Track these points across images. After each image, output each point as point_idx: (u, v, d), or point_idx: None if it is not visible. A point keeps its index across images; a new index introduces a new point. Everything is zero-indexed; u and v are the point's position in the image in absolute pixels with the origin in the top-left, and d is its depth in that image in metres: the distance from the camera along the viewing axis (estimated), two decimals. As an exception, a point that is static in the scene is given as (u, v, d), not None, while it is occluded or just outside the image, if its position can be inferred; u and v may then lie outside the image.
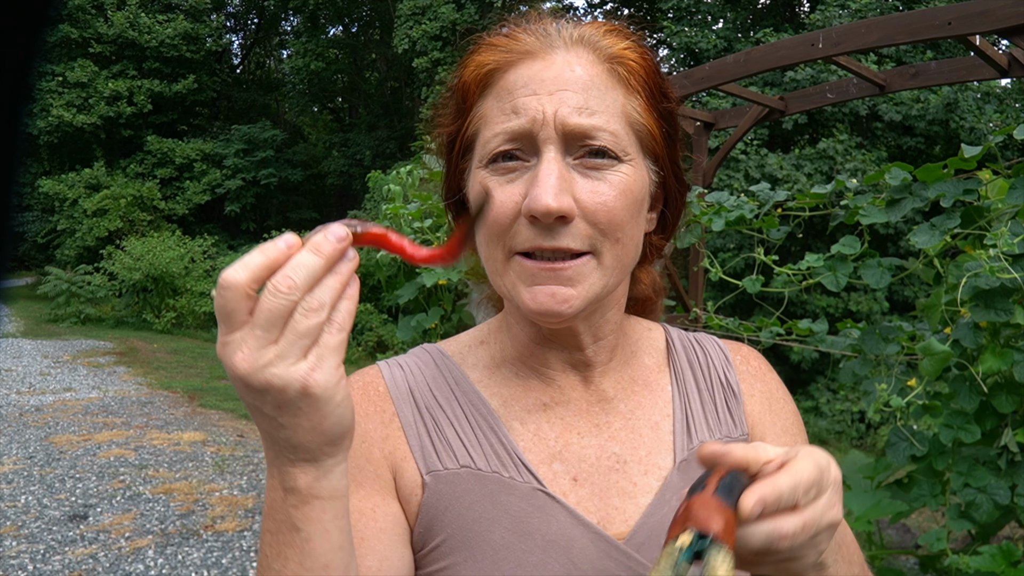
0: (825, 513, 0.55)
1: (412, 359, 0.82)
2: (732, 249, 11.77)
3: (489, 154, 0.69)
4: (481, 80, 0.71)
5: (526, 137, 0.67)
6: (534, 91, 0.67)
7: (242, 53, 29.78)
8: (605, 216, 0.67)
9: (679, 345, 0.86)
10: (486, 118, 0.70)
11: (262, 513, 0.86)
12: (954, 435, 2.03)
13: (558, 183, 0.65)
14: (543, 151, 0.67)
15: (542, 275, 0.68)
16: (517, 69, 0.69)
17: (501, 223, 0.68)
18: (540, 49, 0.69)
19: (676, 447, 0.78)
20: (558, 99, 0.66)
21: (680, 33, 14.54)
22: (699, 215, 2.91)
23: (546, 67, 0.68)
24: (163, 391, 9.19)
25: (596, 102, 0.67)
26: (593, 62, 0.69)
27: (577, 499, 0.73)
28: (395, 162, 19.19)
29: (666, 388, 0.82)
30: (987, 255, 1.91)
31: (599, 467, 0.76)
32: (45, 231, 22.11)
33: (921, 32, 3.00)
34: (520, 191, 0.67)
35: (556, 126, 0.66)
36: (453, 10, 18.65)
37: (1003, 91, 12.53)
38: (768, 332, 2.92)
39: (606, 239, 0.68)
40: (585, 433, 0.77)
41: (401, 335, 3.12)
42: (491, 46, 0.71)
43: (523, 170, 0.68)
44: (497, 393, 0.79)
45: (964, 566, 2.02)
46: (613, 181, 0.68)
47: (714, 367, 0.85)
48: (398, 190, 3.89)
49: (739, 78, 3.80)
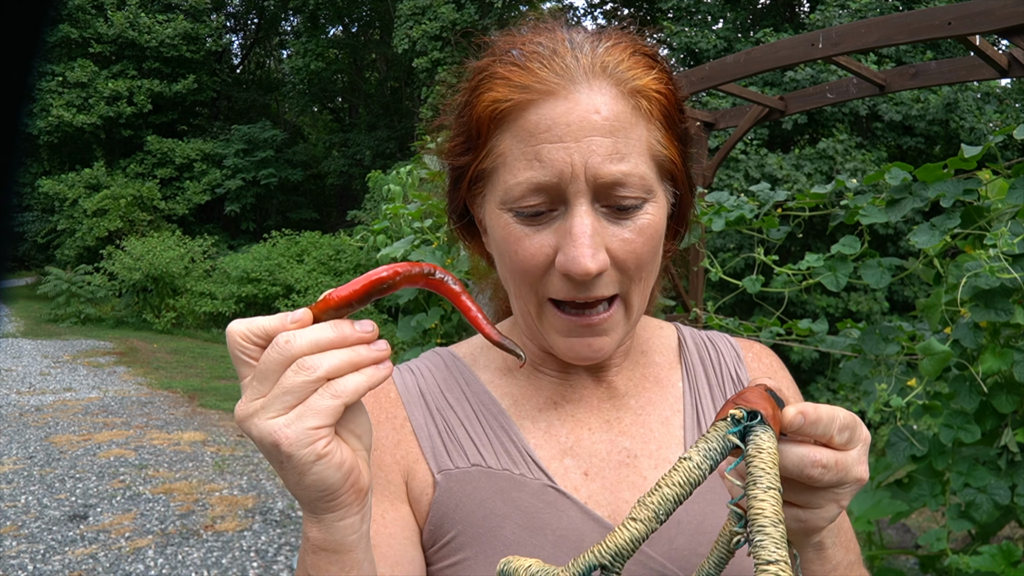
0: (855, 464, 0.54)
1: (423, 362, 0.84)
2: (732, 249, 11.77)
3: (513, 199, 0.66)
4: (498, 116, 0.67)
5: (554, 189, 0.64)
6: (559, 138, 0.63)
7: (242, 53, 29.79)
8: (634, 263, 0.67)
9: (691, 343, 0.87)
10: (505, 157, 0.67)
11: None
12: (954, 435, 2.03)
13: (593, 241, 0.63)
14: (573, 204, 0.64)
15: (579, 330, 0.69)
16: (538, 109, 0.64)
17: (533, 274, 0.67)
18: (560, 87, 0.64)
19: (687, 442, 0.78)
20: (586, 147, 0.63)
21: (680, 33, 14.54)
22: (699, 215, 2.91)
23: (569, 109, 0.63)
24: (163, 391, 9.19)
25: (623, 144, 0.64)
26: (617, 98, 0.65)
27: (588, 493, 0.74)
28: (395, 162, 19.19)
29: (677, 384, 0.83)
30: (987, 255, 1.91)
31: (610, 462, 0.76)
32: (45, 231, 22.11)
33: (921, 32, 3.00)
34: (551, 242, 0.66)
35: (588, 179, 0.63)
36: (453, 10, 18.65)
37: (1003, 91, 12.53)
38: (768, 332, 2.92)
39: (632, 281, 0.68)
40: (596, 429, 0.77)
41: (401, 335, 3.12)
42: (505, 80, 0.66)
43: (551, 219, 0.66)
44: (508, 393, 0.80)
45: (964, 566, 2.02)
46: (641, 225, 0.66)
47: (726, 364, 0.85)
48: (398, 190, 3.89)
49: (739, 78, 3.80)
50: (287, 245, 16.92)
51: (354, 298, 0.55)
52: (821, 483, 0.53)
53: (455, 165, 0.73)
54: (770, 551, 0.42)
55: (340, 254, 16.15)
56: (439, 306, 3.09)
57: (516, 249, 0.67)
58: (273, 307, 16.08)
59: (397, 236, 3.57)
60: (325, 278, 15.66)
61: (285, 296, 15.87)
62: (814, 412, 0.52)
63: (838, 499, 0.55)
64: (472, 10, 18.90)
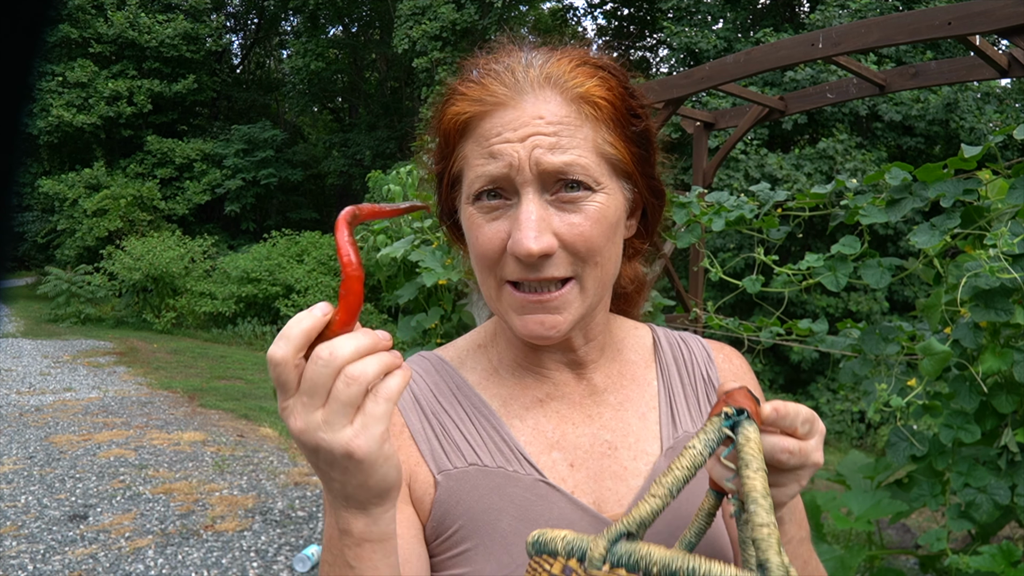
0: (814, 451, 0.66)
1: (413, 368, 0.88)
2: (732, 249, 11.77)
3: (474, 193, 0.75)
4: (459, 127, 0.77)
5: (504, 180, 0.73)
6: (507, 138, 0.72)
7: (242, 53, 29.79)
8: (584, 245, 0.73)
9: (665, 343, 0.94)
10: (468, 160, 0.76)
11: (322, 542, 0.95)
12: (954, 435, 2.04)
13: (537, 225, 0.71)
14: (522, 193, 0.73)
15: (530, 306, 0.75)
16: (491, 118, 0.74)
17: (490, 257, 0.75)
18: (510, 97, 0.73)
19: (663, 435, 0.85)
20: (531, 143, 0.71)
21: (680, 33, 14.54)
22: (699, 215, 2.90)
23: (518, 116, 0.72)
24: (163, 391, 9.19)
25: (567, 140, 0.72)
26: (561, 104, 0.73)
27: (575, 483, 0.81)
28: (395, 162, 19.18)
29: (652, 383, 0.90)
30: (987, 255, 1.91)
31: (592, 453, 0.83)
32: (45, 231, 22.10)
33: (921, 32, 3.00)
34: (504, 228, 0.74)
35: (531, 168, 0.71)
36: (453, 10, 18.64)
37: (1003, 91, 12.53)
38: (768, 332, 2.92)
39: (586, 264, 0.75)
40: (579, 423, 0.84)
41: (401, 335, 3.12)
42: (464, 96, 0.76)
43: (505, 208, 0.75)
44: (496, 394, 0.85)
45: (964, 566, 2.02)
46: (588, 211, 0.73)
47: (697, 364, 0.92)
48: (398, 190, 3.90)
49: (739, 78, 3.80)
50: (287, 245, 16.91)
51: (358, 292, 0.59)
52: (787, 466, 0.65)
53: (436, 172, 0.83)
54: (763, 517, 0.53)
55: (340, 254, 16.13)
56: (439, 306, 3.09)
57: (476, 236, 0.75)
58: (273, 307, 16.07)
59: (397, 236, 3.57)
60: (325, 278, 15.65)
61: (285, 296, 15.86)
62: (784, 408, 0.64)
63: (799, 479, 0.67)
64: (472, 10, 18.89)
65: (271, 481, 5.58)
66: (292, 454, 6.34)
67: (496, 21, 19.25)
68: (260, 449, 6.49)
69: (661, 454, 0.84)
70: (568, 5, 19.81)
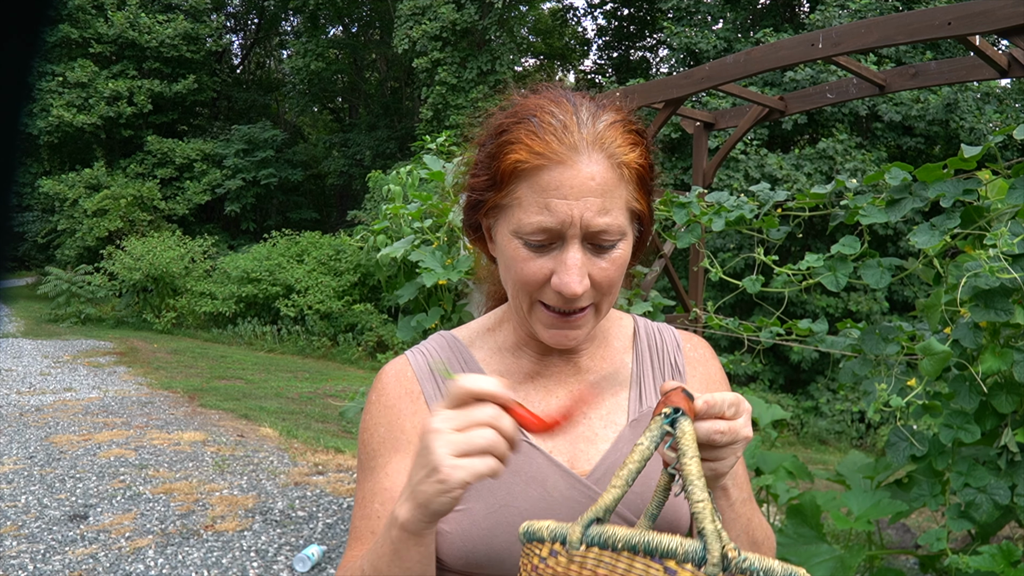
0: (743, 428, 0.81)
1: (431, 344, 1.06)
2: (732, 249, 11.77)
3: (525, 233, 0.90)
4: (517, 172, 0.90)
5: (556, 232, 0.88)
6: (564, 196, 0.87)
7: (242, 53, 29.80)
8: (607, 284, 0.92)
9: (643, 332, 1.11)
10: (521, 201, 0.90)
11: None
12: (954, 435, 2.04)
13: (580, 271, 0.88)
14: (569, 242, 0.89)
15: (559, 324, 0.93)
16: (550, 172, 0.87)
17: (533, 286, 0.91)
18: (567, 156, 0.87)
19: (630, 410, 1.02)
20: (583, 204, 0.86)
21: (680, 33, 14.54)
22: (699, 215, 2.91)
23: (573, 175, 0.87)
24: (163, 391, 9.20)
25: (609, 202, 0.88)
26: (608, 168, 0.88)
27: (553, 444, 0.98)
28: (395, 162, 19.20)
29: (628, 365, 1.07)
30: (987, 255, 1.91)
31: (570, 420, 0.99)
32: (45, 231, 22.11)
33: (921, 32, 3.00)
34: (549, 266, 0.90)
35: (582, 226, 0.87)
36: (453, 10, 18.64)
37: (1003, 91, 12.53)
38: (768, 332, 2.92)
39: (605, 296, 0.93)
40: (562, 396, 1.01)
41: (401, 335, 3.12)
42: (527, 147, 0.89)
43: (550, 249, 0.90)
44: (496, 369, 1.03)
45: (964, 566, 2.03)
46: (614, 257, 0.91)
47: (668, 351, 1.09)
48: (398, 190, 3.89)
49: (739, 78, 3.80)
50: (287, 245, 16.90)
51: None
52: (722, 443, 0.79)
53: (478, 196, 0.96)
54: (698, 495, 0.69)
55: (340, 254, 16.12)
56: (439, 306, 3.09)
57: (522, 267, 0.91)
58: (273, 307, 16.07)
59: (397, 236, 3.57)
60: (325, 278, 15.65)
61: (285, 296, 15.86)
62: (711, 399, 0.79)
63: (734, 451, 0.81)
64: (472, 10, 18.88)
65: (271, 481, 5.58)
66: (292, 454, 6.34)
67: (496, 21, 19.25)
68: (260, 449, 6.49)
69: (627, 424, 1.00)
70: (568, 5, 19.82)
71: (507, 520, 0.91)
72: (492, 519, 0.91)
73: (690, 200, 2.94)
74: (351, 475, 5.78)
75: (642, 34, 21.08)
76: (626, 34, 21.28)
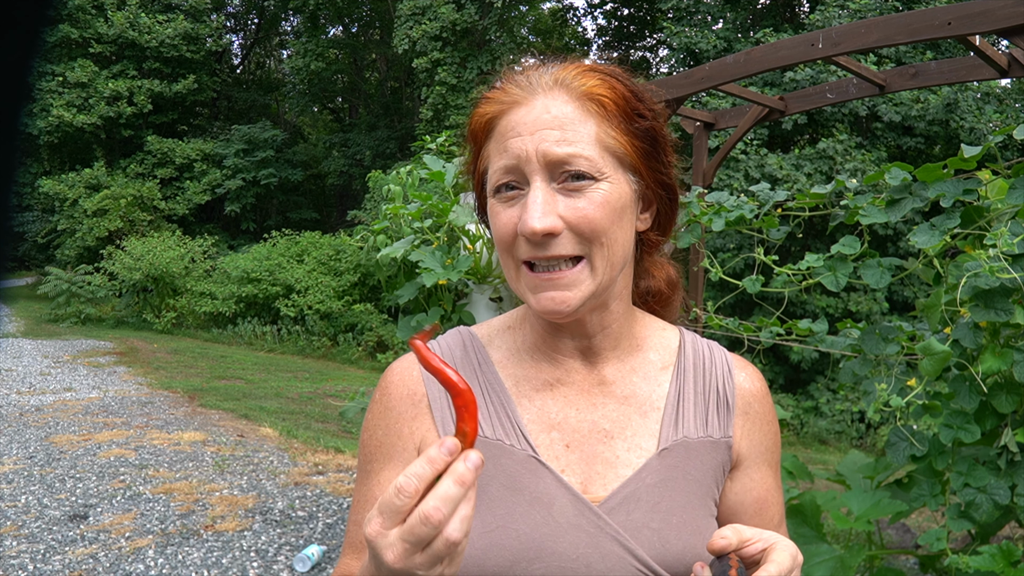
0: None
1: (447, 340, 0.98)
2: (732, 249, 11.77)
3: (494, 186, 0.85)
4: (484, 127, 0.87)
5: (517, 171, 0.82)
6: (519, 133, 0.82)
7: (242, 53, 29.80)
8: (588, 226, 0.81)
9: (690, 348, 0.98)
10: (490, 157, 0.86)
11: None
12: (954, 435, 2.04)
13: (542, 207, 0.80)
14: (531, 181, 0.82)
15: (543, 284, 0.83)
16: (508, 116, 0.84)
17: (506, 239, 0.84)
18: (524, 97, 0.83)
19: (662, 435, 0.90)
20: (539, 137, 0.81)
21: (680, 33, 14.53)
22: (699, 215, 2.90)
23: (529, 111, 0.82)
24: (163, 391, 9.20)
25: (571, 134, 0.81)
26: (567, 101, 0.82)
27: (567, 463, 0.88)
28: (395, 162, 19.20)
29: (664, 383, 0.94)
30: (987, 255, 1.91)
31: (589, 438, 0.90)
32: (45, 231, 22.10)
33: (921, 32, 3.00)
34: (517, 213, 0.83)
35: (539, 159, 0.81)
36: (453, 10, 18.64)
37: (1003, 91, 12.53)
38: (768, 332, 2.92)
39: (593, 244, 0.82)
40: (582, 409, 0.91)
41: (401, 335, 3.11)
42: (488, 99, 0.87)
43: (519, 196, 0.84)
44: (512, 374, 0.94)
45: (964, 566, 2.03)
46: (592, 197, 0.81)
47: (716, 375, 0.96)
48: (398, 190, 3.89)
49: (739, 78, 3.80)
50: (287, 245, 16.90)
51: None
52: None
53: (469, 172, 0.93)
54: None
55: (340, 254, 16.12)
56: (439, 306, 3.09)
57: (495, 223, 0.85)
58: (273, 307, 16.07)
59: (397, 236, 3.57)
60: (325, 278, 15.64)
61: (285, 296, 15.86)
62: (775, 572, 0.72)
63: None
64: (472, 10, 18.88)
65: (271, 481, 5.58)
66: (292, 454, 6.34)
67: (496, 21, 19.25)
68: (260, 449, 6.49)
69: (656, 453, 0.89)
70: (568, 5, 19.83)
71: (502, 543, 0.82)
72: (487, 539, 0.83)
73: (690, 200, 2.94)
74: (351, 475, 5.78)
75: (642, 34, 21.09)
76: (626, 34, 21.28)
